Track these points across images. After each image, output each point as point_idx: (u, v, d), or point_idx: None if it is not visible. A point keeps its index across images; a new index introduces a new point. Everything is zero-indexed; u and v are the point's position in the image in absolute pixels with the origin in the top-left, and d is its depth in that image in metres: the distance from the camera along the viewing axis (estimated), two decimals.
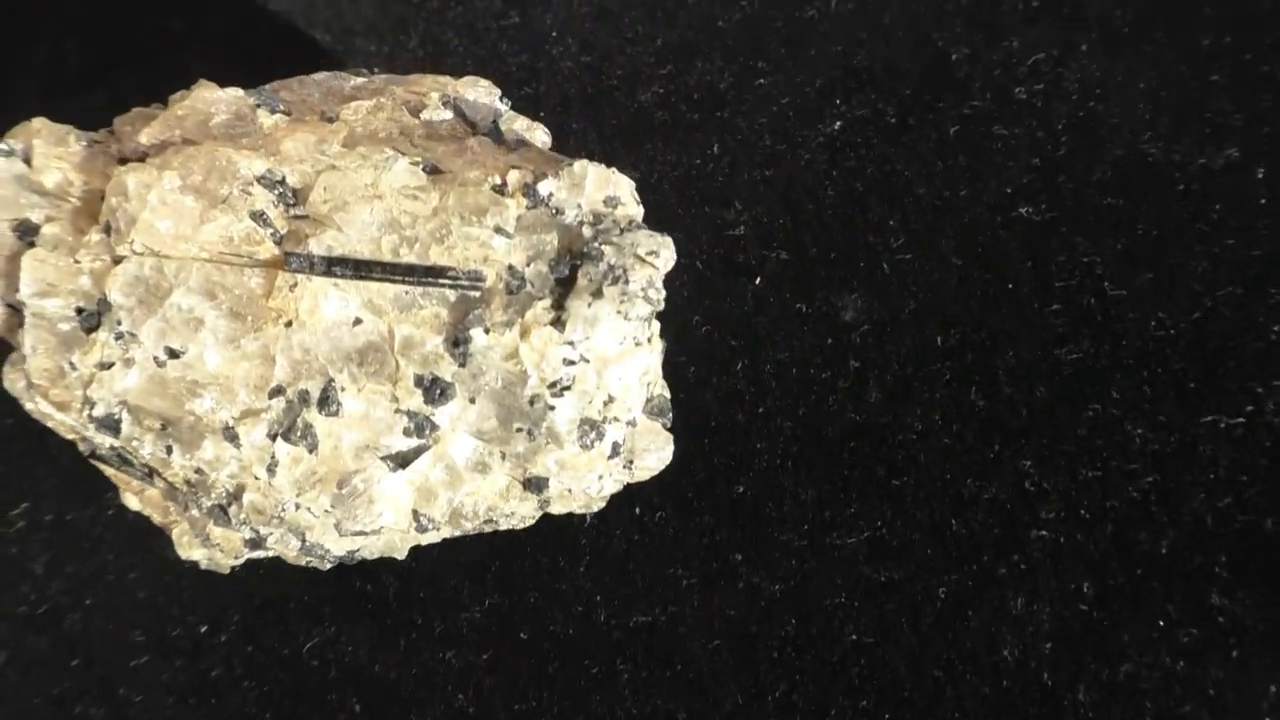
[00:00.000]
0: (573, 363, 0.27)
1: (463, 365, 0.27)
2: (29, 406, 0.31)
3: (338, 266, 0.27)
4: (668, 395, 0.28)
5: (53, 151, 0.30)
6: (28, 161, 0.30)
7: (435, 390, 0.27)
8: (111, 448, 0.30)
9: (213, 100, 0.30)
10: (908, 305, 0.31)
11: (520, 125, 0.31)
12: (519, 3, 0.39)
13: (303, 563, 0.31)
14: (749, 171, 0.34)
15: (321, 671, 0.32)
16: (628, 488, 0.29)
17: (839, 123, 0.33)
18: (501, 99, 0.31)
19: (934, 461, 0.29)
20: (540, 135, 0.31)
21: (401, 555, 0.30)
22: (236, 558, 0.31)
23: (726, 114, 0.35)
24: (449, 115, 0.30)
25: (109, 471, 0.32)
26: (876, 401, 0.30)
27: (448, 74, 0.39)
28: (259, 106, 0.30)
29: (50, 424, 0.31)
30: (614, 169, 0.28)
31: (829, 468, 0.30)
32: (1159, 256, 0.30)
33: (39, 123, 0.30)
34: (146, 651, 0.34)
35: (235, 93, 0.30)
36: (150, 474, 0.31)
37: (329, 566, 0.31)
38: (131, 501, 0.32)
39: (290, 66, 0.39)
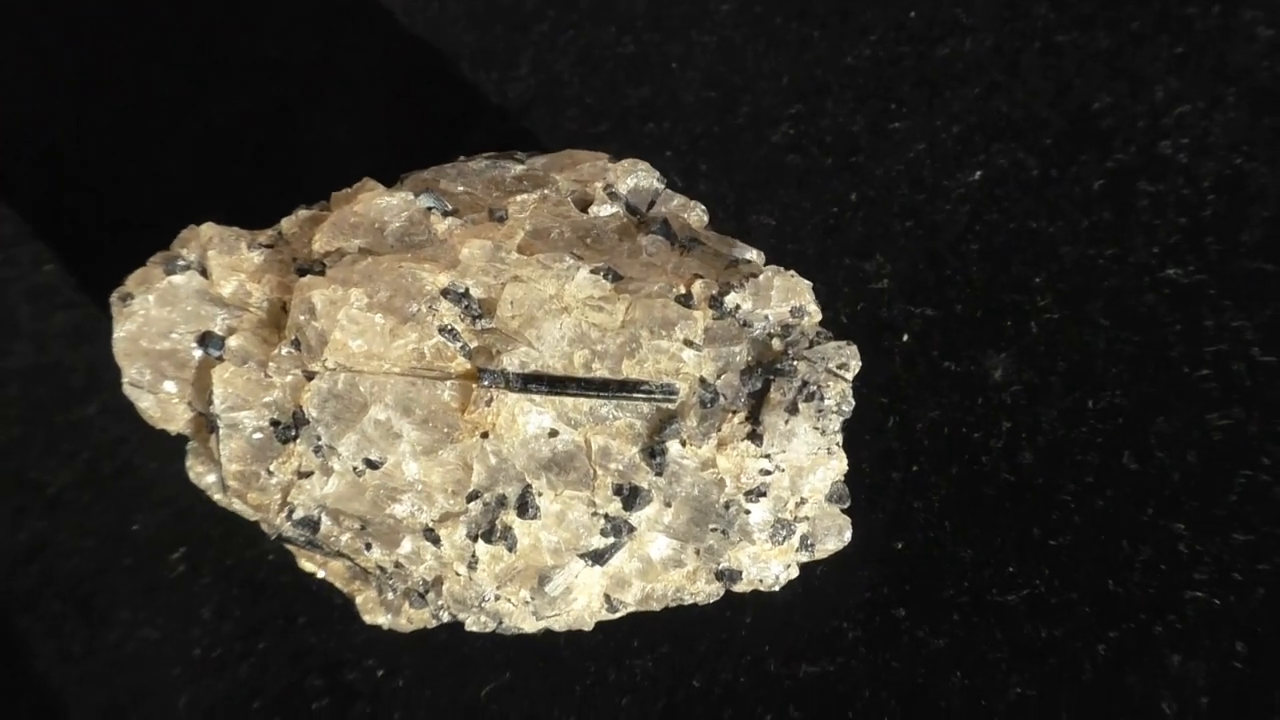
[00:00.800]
0: (769, 472, 0.28)
1: (659, 474, 0.29)
2: (217, 498, 0.32)
3: (533, 383, 0.28)
4: (844, 483, 0.30)
5: (227, 262, 0.30)
6: (204, 273, 0.30)
7: (632, 498, 0.29)
8: (303, 535, 0.32)
9: (384, 208, 0.30)
10: (1057, 366, 0.32)
11: (677, 205, 0.31)
12: (633, 30, 0.38)
13: (490, 632, 0.33)
14: (888, 222, 0.34)
15: (501, 716, 0.35)
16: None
17: (979, 172, 0.34)
18: (659, 179, 0.31)
19: (1089, 523, 0.31)
20: (698, 214, 0.31)
21: (589, 628, 0.32)
22: (425, 627, 0.33)
23: (861, 159, 0.35)
24: (614, 209, 0.31)
25: (292, 548, 0.33)
26: (1029, 463, 0.32)
27: (569, 114, 0.38)
28: (430, 210, 0.30)
29: (236, 507, 0.32)
30: (794, 272, 0.29)
31: (985, 527, 0.32)
32: None
33: (208, 229, 0.31)
34: (326, 695, 0.36)
35: (404, 196, 0.30)
36: (339, 555, 0.32)
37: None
38: (308, 566, 0.34)
39: (397, 97, 0.39)
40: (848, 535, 0.30)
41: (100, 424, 0.39)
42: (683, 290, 0.29)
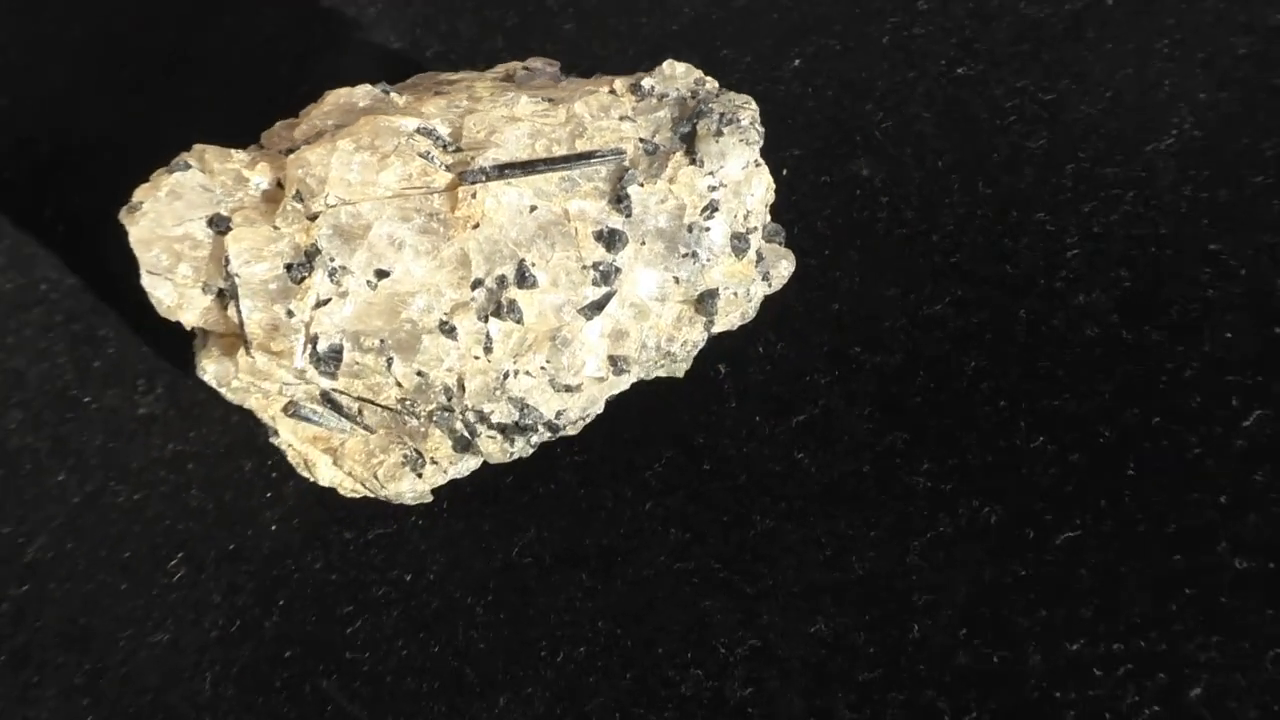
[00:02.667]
0: (715, 189, 0.34)
1: (628, 216, 0.34)
2: (233, 385, 0.35)
3: (508, 170, 0.34)
4: (771, 220, 0.36)
5: (224, 161, 0.35)
6: (205, 172, 0.35)
7: (612, 239, 0.34)
8: (323, 394, 0.34)
9: (350, 94, 0.36)
10: (904, 151, 0.40)
11: (578, 76, 0.39)
12: None
13: (509, 456, 0.35)
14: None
15: (538, 564, 0.36)
16: (744, 332, 0.36)
17: (798, 60, 0.43)
18: (561, 67, 0.39)
19: (972, 228, 0.38)
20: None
21: (599, 408, 0.35)
22: (444, 471, 0.35)
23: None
24: (533, 76, 0.38)
25: (302, 445, 0.35)
26: (913, 216, 0.39)
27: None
28: (388, 92, 0.36)
29: (252, 398, 0.35)
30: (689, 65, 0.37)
31: (898, 266, 0.38)
32: (1066, 59, 0.41)
33: (199, 146, 0.36)
34: (359, 616, 0.36)
35: (364, 86, 0.36)
36: (359, 412, 0.35)
37: (531, 451, 0.35)
38: (324, 474, 0.36)
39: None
40: (792, 260, 0.36)
41: (73, 484, 0.40)
42: (607, 89, 0.36)
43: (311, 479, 0.37)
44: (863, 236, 0.39)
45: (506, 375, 0.34)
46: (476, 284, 0.33)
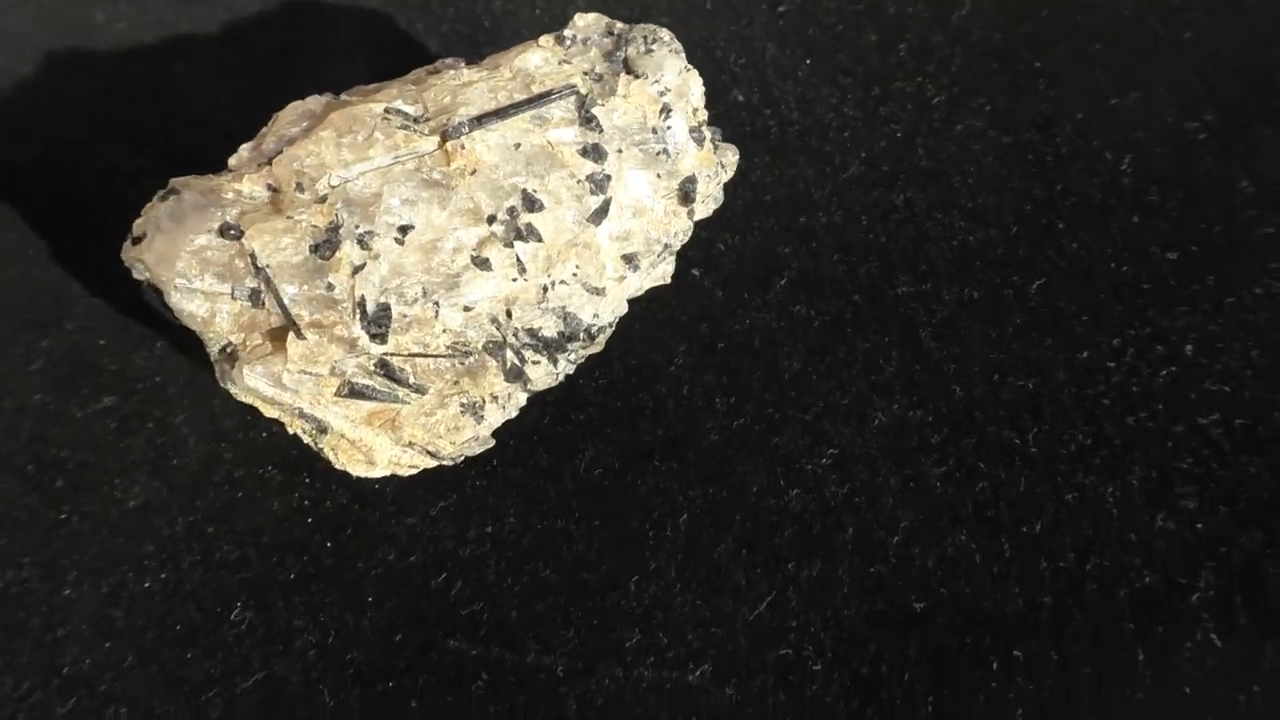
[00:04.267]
0: (663, 94, 0.39)
1: (600, 132, 0.38)
2: (285, 381, 0.35)
3: (484, 119, 0.37)
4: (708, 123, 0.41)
5: (208, 183, 0.36)
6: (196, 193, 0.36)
7: (595, 152, 0.38)
8: (378, 364, 0.36)
9: (304, 104, 0.38)
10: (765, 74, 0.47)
11: None
12: None
13: (554, 380, 0.37)
14: None
15: (609, 472, 0.38)
16: (702, 231, 0.41)
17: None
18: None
19: (844, 112, 0.45)
20: None
21: (624, 309, 0.38)
22: (502, 408, 0.37)
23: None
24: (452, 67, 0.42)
25: (356, 431, 0.36)
26: (797, 115, 0.46)
27: None
28: (338, 96, 0.39)
29: (304, 391, 0.35)
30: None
31: (804, 151, 0.44)
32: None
33: (178, 179, 0.37)
34: (460, 572, 0.37)
35: (315, 96, 0.39)
36: (412, 374, 0.36)
37: (572, 369, 0.38)
38: (382, 455, 0.37)
39: None
40: (736, 151, 0.41)
41: (84, 592, 0.38)
42: (535, 48, 0.40)
43: (367, 472, 0.38)
44: (763, 141, 0.45)
45: (546, 288, 0.36)
46: (491, 219, 0.36)
